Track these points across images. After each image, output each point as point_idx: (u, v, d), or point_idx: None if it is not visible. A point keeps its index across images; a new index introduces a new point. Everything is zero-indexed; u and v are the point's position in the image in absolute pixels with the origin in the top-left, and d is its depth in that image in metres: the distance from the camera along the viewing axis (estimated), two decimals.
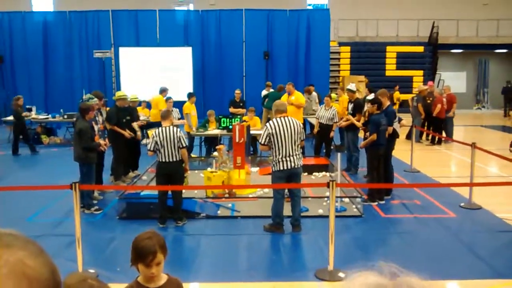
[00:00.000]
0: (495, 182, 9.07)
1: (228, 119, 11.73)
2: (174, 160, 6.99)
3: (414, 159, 10.72)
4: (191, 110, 11.87)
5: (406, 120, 11.28)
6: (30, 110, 15.14)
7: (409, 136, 13.20)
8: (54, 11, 22.10)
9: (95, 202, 8.06)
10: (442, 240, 6.52)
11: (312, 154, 11.39)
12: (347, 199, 8.12)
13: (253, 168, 10.36)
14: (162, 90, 12.30)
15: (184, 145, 7.06)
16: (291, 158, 6.55)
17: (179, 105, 12.51)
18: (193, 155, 11.61)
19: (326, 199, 7.74)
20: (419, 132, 14.34)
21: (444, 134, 14.20)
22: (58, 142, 14.73)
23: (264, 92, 15.33)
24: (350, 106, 10.53)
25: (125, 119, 9.43)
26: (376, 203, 8.05)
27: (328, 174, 10.00)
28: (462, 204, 8.02)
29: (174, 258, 5.95)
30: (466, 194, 8.14)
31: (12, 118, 13.50)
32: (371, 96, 9.66)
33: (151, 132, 8.39)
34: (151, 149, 7.04)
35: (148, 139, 9.42)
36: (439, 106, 14.00)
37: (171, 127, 7.05)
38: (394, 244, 6.49)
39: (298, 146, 6.70)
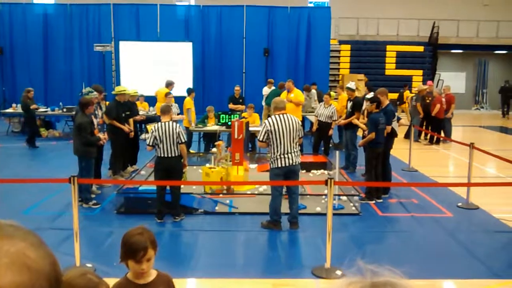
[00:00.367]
0: (493, 182, 9.10)
1: (227, 115, 11.72)
2: (173, 155, 6.99)
3: (412, 159, 10.73)
4: (192, 105, 11.86)
5: (405, 119, 11.28)
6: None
7: (407, 135, 13.21)
8: (55, 4, 22.04)
9: (93, 196, 8.06)
10: (438, 239, 6.54)
11: (310, 152, 11.40)
12: (345, 197, 8.14)
13: (251, 164, 10.37)
14: (168, 84, 12.26)
15: (183, 140, 7.06)
16: (289, 155, 6.55)
17: (178, 100, 12.49)
18: (191, 151, 11.61)
19: (324, 197, 7.75)
20: (418, 131, 14.35)
21: (442, 134, 14.20)
22: (57, 136, 14.71)
23: (265, 89, 15.25)
24: (349, 104, 10.53)
25: (124, 114, 9.42)
26: (373, 202, 8.07)
27: (326, 172, 10.01)
28: (459, 204, 8.04)
29: (172, 254, 5.96)
30: (464, 194, 8.16)
31: (21, 110, 13.45)
32: (371, 94, 9.62)
33: (150, 127, 8.39)
34: (150, 144, 7.05)
35: (147, 134, 9.42)
36: (438, 106, 14.00)
37: (171, 122, 7.04)
38: (391, 242, 6.51)
39: (297, 144, 6.70)
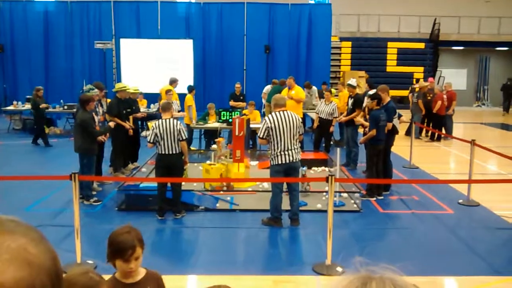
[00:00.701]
0: (494, 179, 9.08)
1: (228, 113, 11.72)
2: (174, 152, 6.99)
3: (413, 155, 10.72)
4: (193, 102, 11.85)
5: (406, 116, 11.25)
6: (29, 101, 15.07)
7: (408, 132, 13.20)
8: (56, 1, 21.99)
9: (94, 193, 8.07)
10: (439, 236, 6.54)
11: (311, 149, 11.40)
12: (346, 194, 8.14)
13: (252, 162, 10.37)
14: (172, 81, 12.25)
15: (184, 137, 7.06)
16: (290, 152, 6.55)
17: (179, 97, 12.47)
18: (192, 148, 11.61)
19: (325, 194, 7.75)
20: (419, 128, 14.34)
21: (443, 131, 14.20)
22: (58, 133, 14.70)
23: (267, 87, 15.20)
24: (350, 101, 10.53)
25: (125, 111, 9.42)
26: (374, 199, 8.07)
27: (327, 169, 10.01)
28: (460, 200, 8.04)
29: (173, 251, 5.98)
30: (465, 191, 8.16)
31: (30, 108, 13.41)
32: (373, 91, 9.59)
33: (151, 124, 8.39)
34: (151, 141, 7.05)
35: (148, 131, 9.42)
36: (439, 102, 13.99)
37: (171, 120, 7.05)
38: (392, 239, 6.51)
39: (297, 140, 6.70)
